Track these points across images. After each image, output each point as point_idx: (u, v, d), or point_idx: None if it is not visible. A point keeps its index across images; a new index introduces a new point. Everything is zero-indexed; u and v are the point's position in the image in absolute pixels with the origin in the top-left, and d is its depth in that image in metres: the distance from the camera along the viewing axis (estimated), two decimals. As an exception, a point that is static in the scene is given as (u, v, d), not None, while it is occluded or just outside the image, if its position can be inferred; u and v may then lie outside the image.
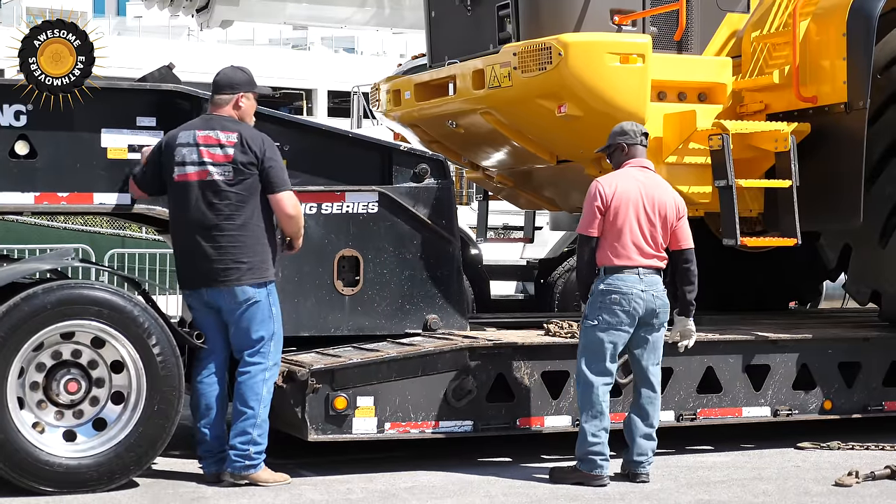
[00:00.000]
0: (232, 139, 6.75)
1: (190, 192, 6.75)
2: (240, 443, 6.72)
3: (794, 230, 8.02)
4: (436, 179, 7.81)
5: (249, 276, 6.74)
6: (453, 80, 8.59)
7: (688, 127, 8.05)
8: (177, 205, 6.85)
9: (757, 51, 8.40)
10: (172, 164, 6.81)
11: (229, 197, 6.71)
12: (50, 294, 6.52)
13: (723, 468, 7.51)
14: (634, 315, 6.96)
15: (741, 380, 7.99)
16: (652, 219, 7.02)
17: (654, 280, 7.03)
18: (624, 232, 6.97)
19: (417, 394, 7.21)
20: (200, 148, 6.75)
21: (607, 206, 6.97)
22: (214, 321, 6.87)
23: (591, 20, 8.08)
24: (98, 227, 19.22)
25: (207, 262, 6.73)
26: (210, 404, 6.87)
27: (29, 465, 6.42)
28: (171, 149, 6.83)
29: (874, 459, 7.59)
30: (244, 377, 6.78)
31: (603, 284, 6.98)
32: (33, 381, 6.58)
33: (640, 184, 7.05)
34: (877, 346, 8.39)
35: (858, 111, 7.99)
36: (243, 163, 6.72)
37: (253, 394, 6.74)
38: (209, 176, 6.72)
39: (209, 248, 6.71)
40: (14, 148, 6.97)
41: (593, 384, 6.95)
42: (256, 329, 6.78)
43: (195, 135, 6.80)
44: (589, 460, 6.95)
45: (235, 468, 6.74)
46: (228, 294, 6.75)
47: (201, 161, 6.74)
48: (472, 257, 10.93)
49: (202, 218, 6.72)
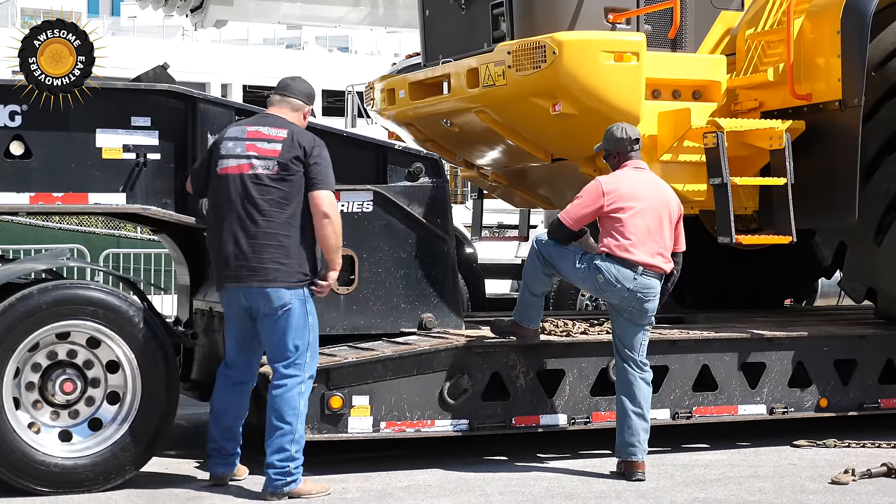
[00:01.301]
0: (281, 135, 6.60)
1: (231, 186, 6.58)
2: (278, 461, 6.48)
3: (789, 228, 8.02)
4: (430, 178, 7.80)
5: (285, 277, 6.53)
6: (448, 79, 8.58)
7: (682, 125, 8.05)
8: (216, 200, 6.68)
9: (751, 48, 8.40)
10: (217, 157, 6.69)
11: (271, 192, 6.53)
12: (45, 294, 6.52)
13: (719, 466, 7.52)
14: (608, 298, 7.14)
15: (737, 378, 7.99)
16: (658, 216, 7.11)
17: (649, 284, 7.07)
18: (629, 227, 7.05)
19: (413, 393, 7.21)
20: (247, 142, 6.62)
21: (608, 204, 7.05)
22: (247, 326, 6.68)
23: (585, 18, 8.08)
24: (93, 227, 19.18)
25: (244, 259, 6.54)
26: (228, 407, 6.74)
27: (25, 466, 6.42)
28: (218, 143, 6.75)
29: (870, 457, 7.60)
30: (280, 391, 6.53)
31: (600, 261, 7.07)
32: (29, 382, 6.58)
33: (644, 183, 7.17)
34: (872, 343, 8.40)
35: (853, 108, 7.99)
36: (290, 158, 6.53)
37: (290, 408, 6.50)
38: (252, 169, 6.56)
39: (246, 246, 6.53)
40: (9, 148, 6.96)
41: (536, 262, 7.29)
42: (292, 338, 6.55)
43: (245, 130, 6.70)
44: (523, 315, 7.39)
45: (276, 487, 6.49)
46: (263, 297, 6.53)
47: (246, 154, 6.60)
48: (467, 256, 10.93)
49: (242, 213, 6.55)
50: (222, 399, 6.77)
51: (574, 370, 7.59)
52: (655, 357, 7.75)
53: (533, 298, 7.43)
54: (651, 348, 7.72)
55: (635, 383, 7.12)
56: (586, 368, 7.60)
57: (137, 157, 7.16)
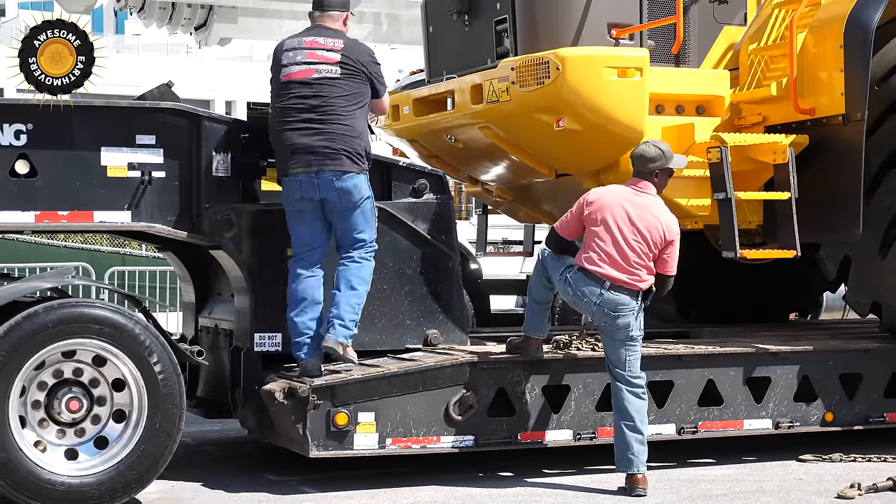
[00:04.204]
0: (338, 45, 7.21)
1: (299, 88, 7.15)
2: (349, 317, 7.09)
3: (793, 242, 8.02)
4: (435, 194, 7.82)
5: (359, 161, 7.13)
6: (451, 95, 8.60)
7: (686, 140, 8.05)
8: (283, 104, 7.17)
9: (754, 63, 8.41)
10: (280, 66, 7.23)
11: (338, 88, 7.14)
12: (51, 313, 6.53)
13: (725, 481, 7.51)
14: (582, 311, 7.37)
15: (742, 392, 7.98)
16: (633, 234, 7.14)
17: (617, 300, 7.09)
18: (600, 239, 7.13)
19: (418, 409, 7.21)
20: (307, 51, 7.21)
21: (586, 215, 7.19)
22: (318, 216, 7.16)
23: (589, 34, 8.10)
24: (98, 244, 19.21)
25: (317, 149, 7.07)
26: (315, 298, 7.13)
27: (31, 484, 6.41)
28: (277, 55, 7.29)
29: (876, 471, 7.59)
30: (355, 266, 7.14)
31: (570, 273, 7.20)
32: (35, 400, 6.58)
33: (633, 204, 7.20)
34: (877, 357, 8.39)
35: (856, 123, 7.99)
36: (349, 65, 7.17)
37: (361, 278, 7.14)
38: (316, 73, 7.15)
39: (318, 138, 7.07)
40: (14, 167, 6.98)
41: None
42: (358, 230, 7.15)
43: (302, 40, 7.26)
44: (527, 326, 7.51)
45: (345, 336, 7.07)
46: (332, 181, 7.06)
47: (307, 61, 7.18)
48: (471, 272, 10.91)
49: (312, 108, 7.11)
50: (299, 285, 7.12)
51: (579, 385, 7.59)
52: (661, 372, 7.76)
53: (536, 306, 7.50)
54: (656, 363, 7.74)
55: (623, 397, 7.15)
56: (591, 384, 7.60)
57: (142, 174, 7.18)
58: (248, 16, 14.36)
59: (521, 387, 7.46)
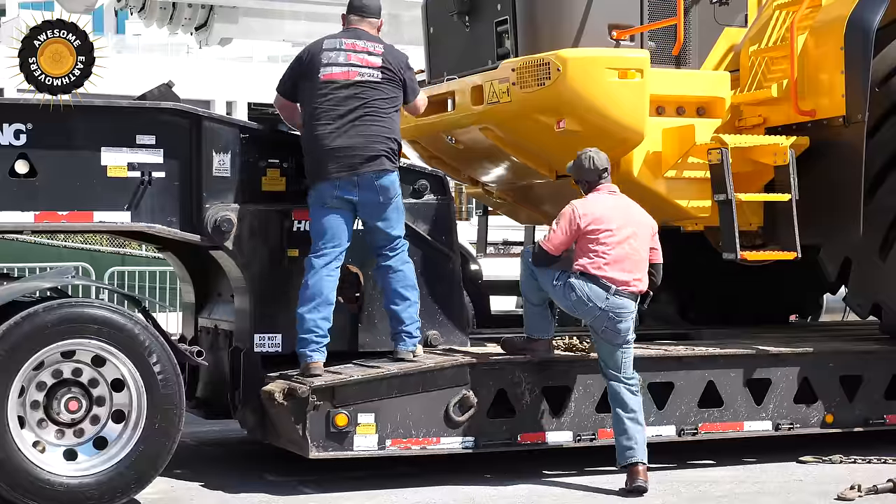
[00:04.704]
0: (379, 49, 7.36)
1: (339, 89, 7.22)
2: (415, 328, 7.33)
3: (793, 243, 8.02)
4: (435, 195, 7.82)
5: (394, 159, 7.29)
6: (452, 96, 8.60)
7: (687, 141, 8.06)
8: (322, 103, 7.22)
9: (755, 65, 8.41)
10: (318, 66, 7.26)
11: (379, 91, 7.27)
12: (50, 313, 6.52)
13: (725, 482, 7.50)
14: (582, 317, 7.29)
15: (742, 394, 7.98)
16: (632, 235, 7.21)
17: (622, 304, 7.15)
18: (602, 245, 7.15)
19: (418, 410, 7.20)
20: (348, 52, 7.29)
21: (584, 227, 7.17)
22: (348, 217, 7.24)
23: (590, 35, 8.10)
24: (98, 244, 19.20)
25: (357, 150, 7.16)
26: (329, 299, 7.15)
27: (29, 485, 6.40)
28: (315, 55, 7.31)
29: (876, 473, 7.58)
30: (400, 275, 7.29)
31: (574, 279, 7.18)
32: (34, 400, 6.57)
33: (618, 207, 7.28)
34: (878, 359, 8.39)
35: (857, 124, 7.99)
36: (389, 70, 7.32)
37: (408, 280, 7.31)
38: (358, 76, 7.25)
39: (358, 138, 7.16)
40: (14, 167, 6.96)
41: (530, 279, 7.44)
42: (393, 227, 7.30)
43: (342, 42, 7.34)
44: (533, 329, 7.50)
45: (414, 344, 7.34)
46: (372, 180, 7.18)
47: (349, 63, 7.27)
48: (472, 273, 10.90)
49: (353, 110, 7.20)
50: (319, 282, 7.13)
51: (580, 387, 7.58)
52: (661, 374, 7.76)
53: (535, 308, 7.49)
54: (656, 365, 7.74)
55: (623, 394, 7.19)
56: (592, 385, 7.59)
57: (142, 175, 7.17)
58: (248, 16, 14.38)
59: (522, 388, 7.45)
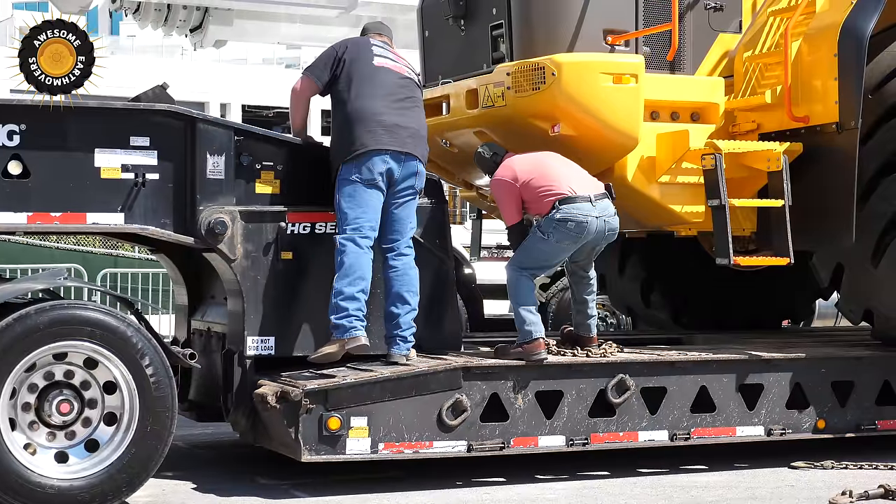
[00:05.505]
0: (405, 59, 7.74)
1: (391, 75, 7.49)
2: (410, 333, 7.39)
3: (786, 249, 8.04)
4: (429, 199, 7.81)
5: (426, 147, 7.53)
6: (447, 100, 8.62)
7: (681, 146, 8.07)
8: (376, 82, 7.43)
9: (749, 71, 8.43)
10: (369, 54, 7.53)
11: (420, 93, 7.66)
12: (42, 314, 6.50)
13: (717, 488, 7.50)
14: (584, 240, 7.58)
15: (735, 399, 7.98)
16: (556, 159, 7.69)
17: (605, 204, 7.59)
18: (553, 180, 7.54)
19: (411, 414, 7.20)
20: (393, 52, 7.68)
21: (525, 183, 7.54)
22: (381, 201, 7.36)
23: (584, 40, 8.11)
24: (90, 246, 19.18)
25: (413, 134, 7.41)
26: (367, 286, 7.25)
27: (20, 487, 6.38)
28: (362, 46, 7.58)
29: (868, 479, 7.59)
30: (408, 278, 7.36)
31: (557, 213, 7.47)
32: (25, 402, 6.55)
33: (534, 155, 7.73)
34: (869, 364, 8.39)
35: (850, 131, 8.01)
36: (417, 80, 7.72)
37: (413, 286, 7.38)
38: (407, 73, 7.59)
39: (414, 122, 7.45)
40: (7, 167, 6.96)
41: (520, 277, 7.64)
42: (412, 220, 7.45)
43: (384, 43, 7.72)
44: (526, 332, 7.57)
45: (408, 349, 7.40)
46: (416, 166, 7.40)
47: (395, 59, 7.61)
48: (465, 276, 10.91)
49: (406, 98, 7.47)
50: (362, 261, 7.24)
51: (572, 391, 7.58)
52: (654, 378, 7.75)
53: (524, 310, 7.60)
54: (649, 369, 7.74)
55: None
56: (585, 390, 7.59)
57: (136, 176, 7.16)
58: (243, 18, 14.36)
59: (514, 392, 7.45)
